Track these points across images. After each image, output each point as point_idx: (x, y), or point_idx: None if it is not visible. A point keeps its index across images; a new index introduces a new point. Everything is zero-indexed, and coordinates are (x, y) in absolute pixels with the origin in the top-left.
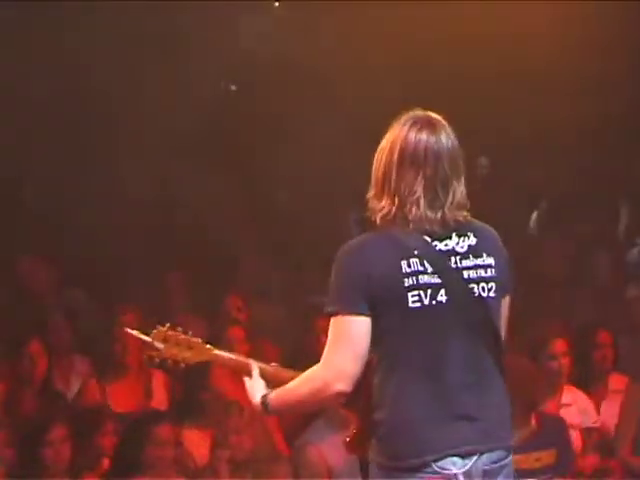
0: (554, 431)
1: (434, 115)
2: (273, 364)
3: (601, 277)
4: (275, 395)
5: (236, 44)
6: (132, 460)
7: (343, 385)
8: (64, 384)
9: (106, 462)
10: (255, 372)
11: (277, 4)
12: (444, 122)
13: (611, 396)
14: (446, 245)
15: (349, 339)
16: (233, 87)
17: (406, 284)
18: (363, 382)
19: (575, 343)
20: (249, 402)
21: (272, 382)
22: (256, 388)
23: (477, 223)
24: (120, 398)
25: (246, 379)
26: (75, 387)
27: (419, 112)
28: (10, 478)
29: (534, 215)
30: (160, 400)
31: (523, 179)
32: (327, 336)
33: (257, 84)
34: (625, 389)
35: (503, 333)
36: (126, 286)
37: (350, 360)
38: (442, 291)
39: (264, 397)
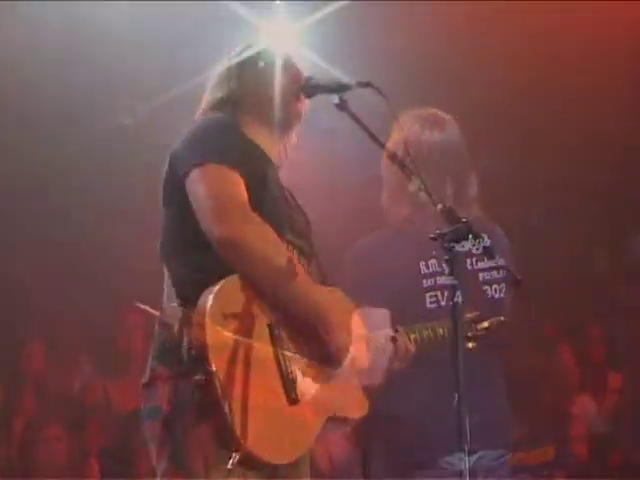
0: (553, 428)
1: (439, 112)
2: None
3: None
4: None
5: None
6: (121, 456)
7: None
8: (68, 382)
9: (101, 461)
10: None
11: (278, 3)
12: (449, 118)
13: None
14: (463, 247)
15: None
16: None
17: (424, 285)
18: None
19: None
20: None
21: None
22: None
23: (488, 223)
24: (124, 397)
25: None
26: (79, 385)
27: (422, 110)
28: (6, 478)
29: None
30: None
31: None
32: None
33: None
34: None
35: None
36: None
37: None
38: (458, 292)
39: None
